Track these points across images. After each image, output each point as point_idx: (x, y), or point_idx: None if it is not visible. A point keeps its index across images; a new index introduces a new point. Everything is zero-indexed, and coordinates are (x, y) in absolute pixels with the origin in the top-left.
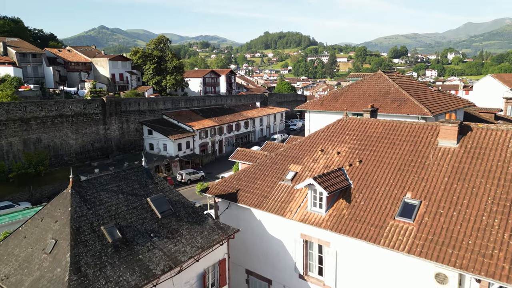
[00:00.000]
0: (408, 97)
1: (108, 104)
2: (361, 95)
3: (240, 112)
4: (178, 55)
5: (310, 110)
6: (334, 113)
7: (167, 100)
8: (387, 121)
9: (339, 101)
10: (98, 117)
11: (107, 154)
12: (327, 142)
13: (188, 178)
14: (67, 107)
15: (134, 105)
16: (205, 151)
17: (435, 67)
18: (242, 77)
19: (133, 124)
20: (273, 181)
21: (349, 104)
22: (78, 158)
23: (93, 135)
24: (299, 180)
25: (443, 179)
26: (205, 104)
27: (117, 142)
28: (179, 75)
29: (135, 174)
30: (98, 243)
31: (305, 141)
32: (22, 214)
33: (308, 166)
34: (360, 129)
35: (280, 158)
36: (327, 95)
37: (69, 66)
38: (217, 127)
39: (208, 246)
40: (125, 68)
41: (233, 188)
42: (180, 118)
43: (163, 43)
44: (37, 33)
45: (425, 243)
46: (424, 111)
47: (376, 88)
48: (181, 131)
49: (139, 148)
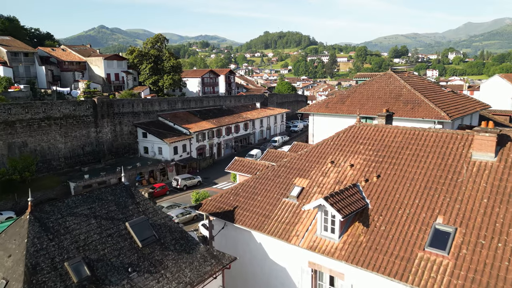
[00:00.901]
0: (422, 99)
1: (100, 105)
2: (370, 97)
3: (239, 114)
4: (178, 54)
5: (314, 113)
6: (341, 116)
7: (162, 101)
8: (408, 128)
9: (346, 103)
10: (89, 119)
11: (99, 158)
12: (338, 152)
13: (184, 184)
14: (56, 108)
15: (127, 106)
16: (202, 154)
17: (436, 67)
18: (241, 77)
19: (126, 127)
20: (276, 198)
21: (357, 107)
22: (68, 163)
23: (83, 138)
24: (307, 197)
25: (481, 201)
26: (203, 105)
27: (109, 146)
28: (176, 75)
29: (112, 193)
30: (60, 284)
31: (312, 151)
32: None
33: (316, 181)
34: (376, 137)
35: (283, 170)
36: (332, 97)
37: (63, 65)
38: (215, 129)
39: (199, 280)
40: (121, 68)
41: (229, 205)
42: (176, 120)
43: (160, 42)
44: (34, 32)
45: (465, 283)
46: (441, 115)
47: (387, 89)
48: (177, 133)
49: (133, 152)
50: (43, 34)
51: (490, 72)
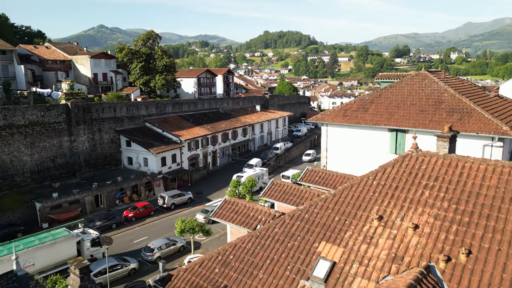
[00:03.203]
0: (473, 107)
1: (74, 110)
2: (400, 104)
3: (237, 118)
4: (177, 54)
5: (329, 123)
6: (364, 128)
7: (150, 104)
8: (506, 164)
9: (370, 111)
10: (61, 126)
11: (74, 171)
12: (387, 200)
13: (172, 202)
14: (19, 115)
15: (108, 111)
16: (195, 165)
17: (438, 66)
18: (241, 77)
19: (107, 134)
20: (289, 277)
21: (384, 116)
22: (35, 178)
23: (54, 149)
24: (342, 283)
25: None
26: (197, 108)
27: (86, 157)
28: (169, 74)
29: None
30: None
31: (344, 195)
32: (39, 239)
33: (355, 251)
34: (450, 176)
35: (299, 226)
36: (351, 103)
37: (45, 64)
38: (210, 136)
39: None
40: (109, 67)
41: (212, 285)
42: (165, 126)
43: (152, 39)
44: (24, 30)
45: None
46: (502, 129)
47: (422, 93)
48: (166, 142)
49: (116, 163)
50: (34, 32)
51: (494, 72)
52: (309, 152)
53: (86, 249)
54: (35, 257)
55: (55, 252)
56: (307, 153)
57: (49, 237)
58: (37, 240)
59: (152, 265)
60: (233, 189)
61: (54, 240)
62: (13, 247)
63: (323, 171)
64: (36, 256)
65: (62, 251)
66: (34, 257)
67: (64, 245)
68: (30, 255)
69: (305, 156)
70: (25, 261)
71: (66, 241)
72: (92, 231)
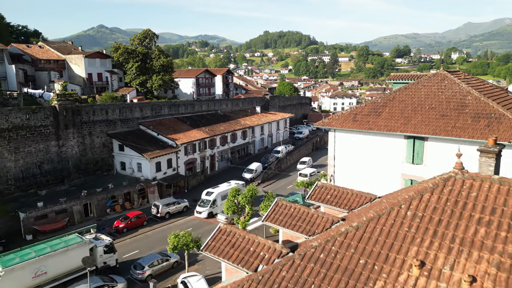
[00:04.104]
0: (502, 112)
1: (62, 113)
2: (417, 107)
3: (237, 120)
4: (177, 54)
5: (337, 129)
6: (376, 134)
7: (145, 106)
8: None
9: (383, 115)
10: (48, 130)
11: (62, 178)
12: (428, 239)
13: (167, 211)
14: (2, 118)
15: (100, 113)
16: (192, 169)
17: (439, 67)
18: (240, 77)
19: (99, 138)
20: None
21: (399, 121)
22: (19, 185)
23: (41, 154)
24: None
25: None
26: (195, 110)
27: (76, 162)
28: (167, 74)
29: None
30: None
31: (370, 229)
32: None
33: None
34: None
35: (313, 271)
36: (361, 106)
37: (38, 64)
38: (208, 139)
39: None
40: (104, 67)
41: None
42: (161, 129)
43: (149, 38)
44: (21, 29)
45: None
46: None
47: (442, 96)
48: (161, 146)
49: (108, 168)
50: (30, 32)
51: (495, 73)
52: (304, 160)
53: (99, 256)
54: (47, 265)
55: (67, 259)
56: (302, 161)
57: (61, 244)
58: (48, 247)
59: (143, 284)
60: (232, 199)
61: (67, 247)
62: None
63: (335, 188)
64: (48, 264)
65: (74, 258)
66: (46, 265)
67: (77, 252)
68: (42, 263)
69: (300, 165)
70: (37, 269)
71: (79, 248)
72: (104, 237)
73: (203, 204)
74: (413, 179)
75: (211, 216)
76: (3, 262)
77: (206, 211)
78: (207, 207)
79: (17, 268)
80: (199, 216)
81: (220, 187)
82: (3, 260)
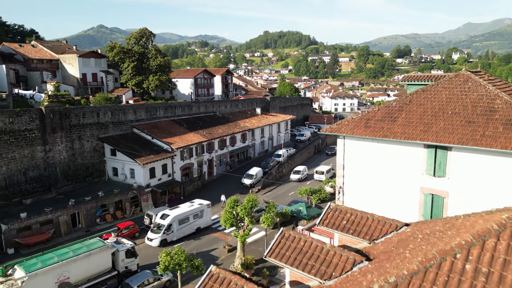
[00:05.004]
0: None
1: (49, 116)
2: (438, 112)
3: (236, 122)
4: (176, 54)
5: (346, 136)
6: (392, 142)
7: (139, 108)
8: None
9: (399, 120)
10: (33, 134)
11: (49, 185)
12: None
13: None
14: None
15: (90, 116)
16: (189, 175)
17: (440, 67)
18: (240, 78)
19: (89, 142)
20: None
21: (419, 128)
22: (2, 194)
23: (25, 160)
24: None
25: None
26: (192, 112)
27: (64, 168)
28: (164, 75)
29: None
30: None
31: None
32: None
33: None
34: None
35: None
36: (374, 110)
37: (30, 64)
38: (205, 143)
39: None
40: (99, 67)
41: None
42: (155, 132)
43: (145, 37)
44: (17, 28)
45: None
46: None
47: (466, 99)
48: (155, 150)
49: (99, 174)
50: (26, 31)
51: (497, 73)
52: (299, 169)
53: (120, 261)
54: (70, 270)
55: (89, 264)
56: (296, 170)
57: (83, 248)
58: (71, 252)
59: None
60: (230, 210)
61: (89, 252)
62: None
63: (352, 212)
64: (71, 269)
65: (96, 263)
66: (69, 271)
67: (99, 256)
68: (65, 268)
69: (294, 174)
70: (60, 274)
71: (101, 252)
72: (126, 241)
73: (157, 229)
74: (434, 193)
75: (164, 244)
76: (26, 267)
77: (159, 238)
78: (160, 233)
79: (40, 273)
80: (150, 244)
81: (180, 208)
82: (26, 265)
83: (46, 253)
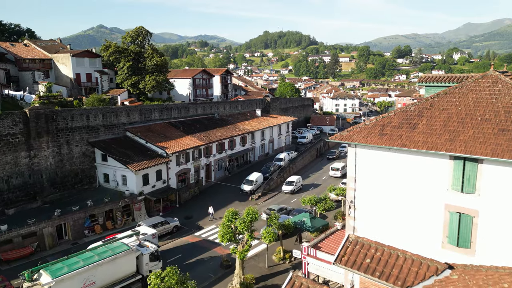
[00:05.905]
0: None
1: (34, 119)
2: (465, 118)
3: (235, 124)
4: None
5: (358, 144)
6: (411, 152)
7: (133, 110)
8: None
9: (419, 127)
10: (17, 139)
11: (34, 194)
12: None
13: None
14: None
15: (79, 119)
16: (185, 181)
17: (441, 67)
18: (240, 78)
19: (78, 147)
20: None
21: (443, 136)
22: None
23: (8, 167)
24: None
25: None
26: (189, 114)
27: (51, 175)
28: (161, 75)
29: None
30: None
31: None
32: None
33: None
34: None
35: None
36: (389, 116)
37: (22, 63)
38: (203, 147)
39: None
40: (93, 67)
41: None
42: (150, 136)
43: (142, 36)
44: (13, 28)
45: None
46: None
47: (497, 104)
48: (149, 155)
49: (90, 181)
50: (23, 30)
51: None
52: (291, 180)
53: (144, 264)
54: (96, 274)
55: (115, 268)
56: (289, 181)
57: (108, 252)
58: (96, 256)
59: None
60: (228, 223)
61: (115, 255)
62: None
63: (377, 247)
64: (97, 274)
65: (121, 267)
66: (95, 275)
67: (124, 260)
68: (91, 273)
69: (286, 186)
70: (86, 279)
71: (126, 256)
72: (149, 244)
73: None
74: (462, 211)
75: None
76: (52, 272)
77: None
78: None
79: (66, 278)
80: None
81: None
82: (52, 269)
83: (71, 257)
